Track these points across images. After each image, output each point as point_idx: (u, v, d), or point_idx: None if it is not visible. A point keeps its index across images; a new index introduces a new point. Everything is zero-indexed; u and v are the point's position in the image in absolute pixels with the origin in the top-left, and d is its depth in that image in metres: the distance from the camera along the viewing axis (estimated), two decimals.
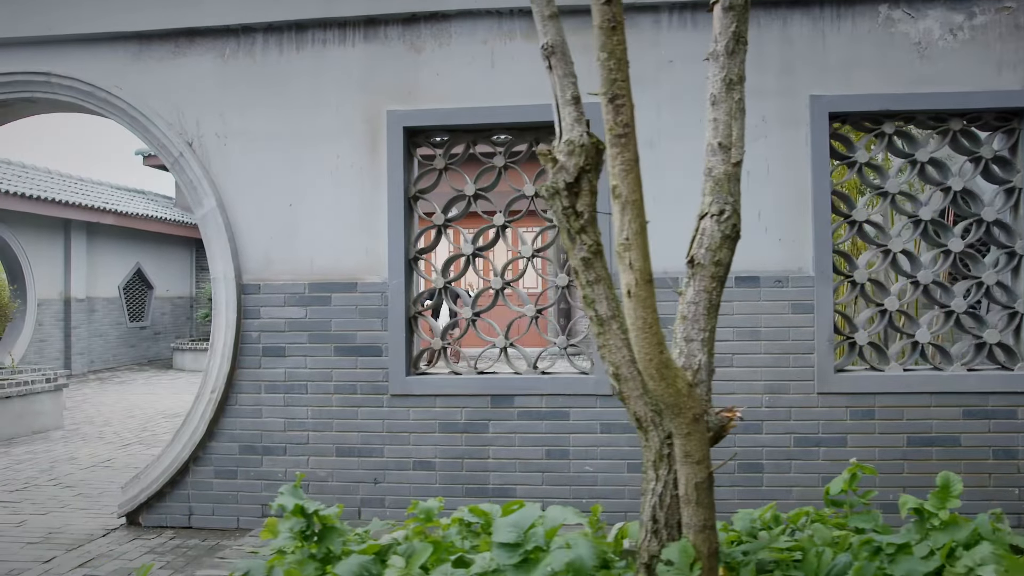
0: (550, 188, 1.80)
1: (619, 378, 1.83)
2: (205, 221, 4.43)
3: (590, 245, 1.83)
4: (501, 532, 1.69)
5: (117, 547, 4.12)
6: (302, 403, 4.37)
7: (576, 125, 1.86)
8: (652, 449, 1.81)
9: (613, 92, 1.73)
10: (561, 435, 4.24)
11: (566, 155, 1.80)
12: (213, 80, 4.48)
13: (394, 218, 4.31)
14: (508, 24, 4.30)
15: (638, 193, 1.82)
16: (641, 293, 1.69)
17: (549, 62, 1.94)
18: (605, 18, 1.74)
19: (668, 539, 1.73)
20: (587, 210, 1.81)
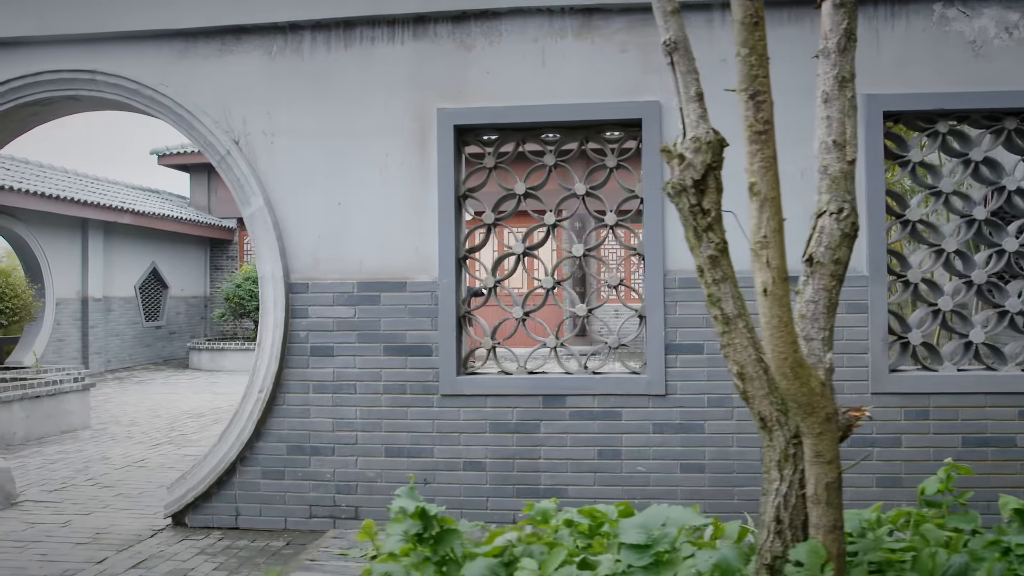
0: (676, 185, 1.77)
1: (744, 377, 1.80)
2: (253, 219, 4.40)
3: (717, 243, 1.80)
4: (629, 533, 1.66)
5: (167, 548, 4.09)
6: (351, 403, 4.35)
7: (701, 122, 1.83)
8: (776, 449, 1.79)
9: (754, 88, 1.70)
10: (613, 435, 4.21)
11: (693, 152, 1.77)
12: (260, 78, 4.46)
13: (444, 217, 4.29)
14: (559, 22, 4.28)
15: (776, 191, 1.79)
16: (778, 291, 1.67)
17: (671, 58, 1.91)
18: (747, 13, 1.71)
19: (792, 540, 1.71)
20: (713, 208, 1.79)
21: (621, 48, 4.25)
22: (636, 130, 4.33)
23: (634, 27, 4.25)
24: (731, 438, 4.16)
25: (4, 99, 4.64)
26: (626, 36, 4.25)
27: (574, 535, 1.89)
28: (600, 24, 4.26)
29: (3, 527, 4.46)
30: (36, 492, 5.24)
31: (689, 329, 4.18)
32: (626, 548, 1.66)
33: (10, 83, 4.61)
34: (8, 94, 4.63)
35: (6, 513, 4.76)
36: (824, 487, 1.70)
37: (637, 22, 4.25)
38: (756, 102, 1.72)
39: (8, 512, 4.78)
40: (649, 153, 4.20)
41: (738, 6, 1.75)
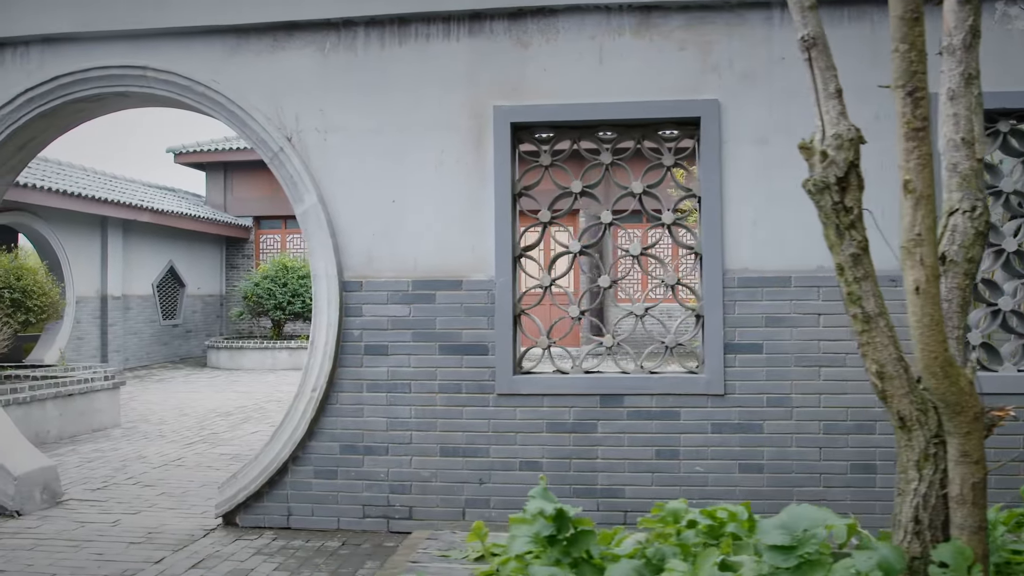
0: (819, 183, 1.75)
1: (883, 376, 1.78)
2: (306, 217, 4.37)
3: (859, 241, 1.77)
4: (771, 535, 1.63)
5: (222, 548, 4.06)
6: (405, 402, 4.31)
7: (841, 119, 1.80)
8: (916, 449, 1.76)
9: (912, 85, 1.68)
10: (671, 435, 4.18)
11: (835, 149, 1.75)
12: (313, 74, 4.42)
13: (501, 215, 4.25)
14: (617, 20, 4.25)
15: (931, 188, 1.76)
16: (931, 290, 1.64)
17: (809, 54, 1.89)
18: (907, 8, 1.69)
19: (932, 540, 1.68)
20: (856, 205, 1.76)
21: (679, 46, 4.22)
22: (693, 129, 4.30)
23: (692, 25, 4.21)
24: (790, 438, 4.13)
25: (53, 96, 4.61)
26: (684, 34, 4.22)
27: (699, 535, 1.86)
28: (658, 22, 4.23)
29: (53, 526, 4.43)
30: (79, 491, 5.21)
31: (748, 329, 4.15)
32: (770, 550, 1.63)
33: (59, 79, 4.58)
34: (56, 91, 4.60)
35: (53, 512, 4.72)
36: (970, 487, 1.67)
37: (695, 20, 4.21)
38: (914, 98, 1.69)
39: (55, 511, 4.75)
40: (708, 152, 4.17)
41: (898, 1, 1.72)
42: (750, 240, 4.16)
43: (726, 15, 4.20)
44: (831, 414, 4.11)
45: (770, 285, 4.16)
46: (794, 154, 4.30)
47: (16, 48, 4.71)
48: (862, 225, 1.86)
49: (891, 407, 1.82)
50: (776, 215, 4.15)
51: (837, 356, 4.11)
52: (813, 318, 4.13)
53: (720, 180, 4.17)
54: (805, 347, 4.12)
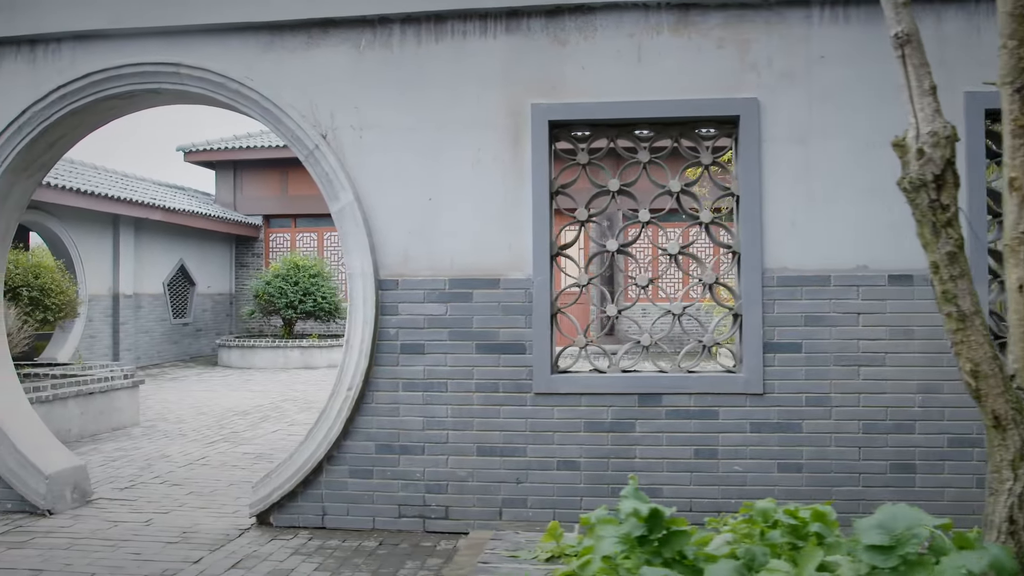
0: (915, 181, 1.73)
1: (977, 375, 1.76)
2: (342, 215, 4.34)
3: (955, 239, 1.75)
4: (869, 535, 1.62)
5: (259, 548, 4.04)
6: (442, 401, 4.29)
7: (936, 116, 1.78)
8: (1010, 448, 1.74)
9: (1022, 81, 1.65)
10: (710, 434, 4.16)
11: (931, 146, 1.73)
12: (348, 71, 4.40)
13: (539, 213, 4.23)
14: (655, 17, 4.22)
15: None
16: None
17: (902, 51, 1.87)
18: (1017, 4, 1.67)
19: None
20: (952, 203, 1.74)
21: (718, 44, 4.19)
22: (731, 128, 4.28)
23: (731, 23, 4.19)
24: (829, 438, 4.11)
25: (84, 93, 4.58)
26: (723, 32, 4.20)
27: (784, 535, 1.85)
28: (697, 20, 4.21)
29: (87, 525, 4.41)
30: (107, 490, 5.19)
31: (787, 328, 4.13)
32: (868, 550, 1.61)
33: (91, 76, 4.55)
34: (88, 88, 4.57)
35: (84, 511, 4.70)
36: None
37: (734, 18, 4.19)
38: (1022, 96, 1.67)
39: (85, 510, 4.72)
40: (747, 151, 4.15)
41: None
42: (789, 239, 4.14)
43: (765, 13, 4.18)
44: (870, 413, 4.09)
45: (809, 284, 4.14)
46: (834, 154, 4.30)
47: (48, 45, 4.68)
48: (958, 223, 1.84)
49: (985, 406, 1.80)
50: (816, 214, 4.13)
51: (876, 356, 4.09)
52: (852, 317, 4.11)
53: (759, 179, 4.15)
54: (844, 346, 4.11)
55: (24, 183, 4.92)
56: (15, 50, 4.73)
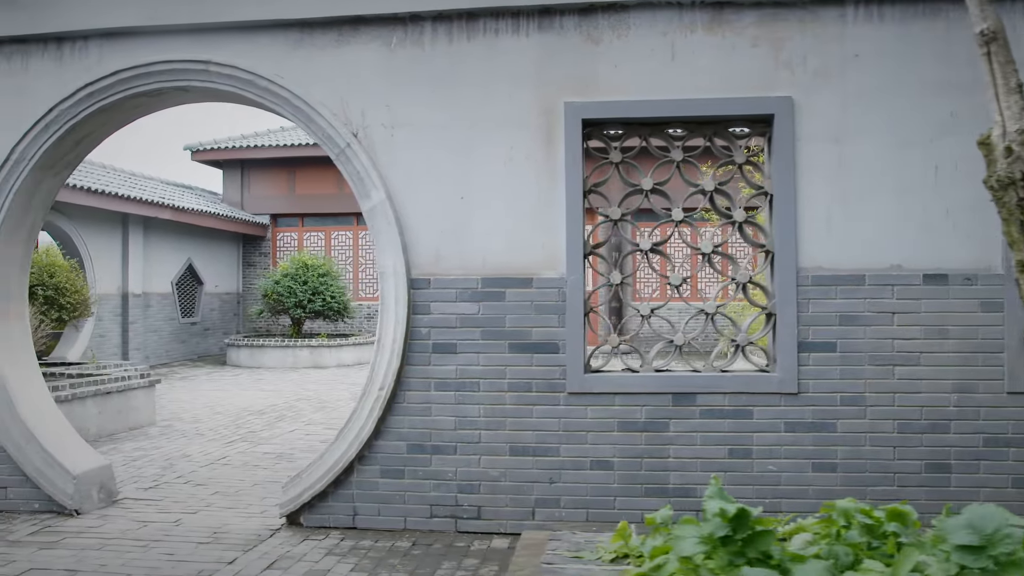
0: (1003, 179, 1.72)
1: None
2: (373, 214, 4.32)
3: None
4: (958, 535, 1.60)
5: (292, 548, 4.01)
6: (474, 401, 4.27)
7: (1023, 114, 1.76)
8: None
9: None
10: (744, 434, 4.15)
11: (1020, 145, 1.71)
12: (379, 69, 4.38)
13: (572, 212, 4.22)
14: (689, 16, 4.21)
15: None
16: None
17: (988, 49, 1.85)
18: None
19: None
20: None
21: (752, 43, 4.18)
22: (764, 127, 4.26)
23: (765, 22, 4.18)
24: (864, 437, 4.10)
25: (113, 90, 4.56)
26: (757, 31, 4.18)
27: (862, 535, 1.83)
28: (731, 18, 4.19)
29: (116, 525, 4.38)
30: (132, 490, 5.16)
31: (821, 327, 4.12)
32: (958, 550, 1.60)
33: (119, 74, 4.53)
34: (117, 85, 4.55)
35: (111, 511, 4.67)
36: None
37: (768, 17, 4.18)
38: None
39: (112, 510, 4.70)
40: (781, 150, 4.14)
41: None
42: (824, 238, 4.13)
43: (799, 11, 4.17)
44: (905, 413, 4.08)
45: (844, 284, 4.13)
46: (868, 153, 4.29)
47: (75, 43, 4.65)
48: None
49: None
50: (850, 214, 4.12)
51: (911, 355, 4.08)
52: (887, 317, 4.10)
53: (794, 178, 4.13)
54: (879, 346, 4.10)
55: (50, 181, 4.89)
56: (41, 48, 4.70)
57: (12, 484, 4.66)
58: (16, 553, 3.93)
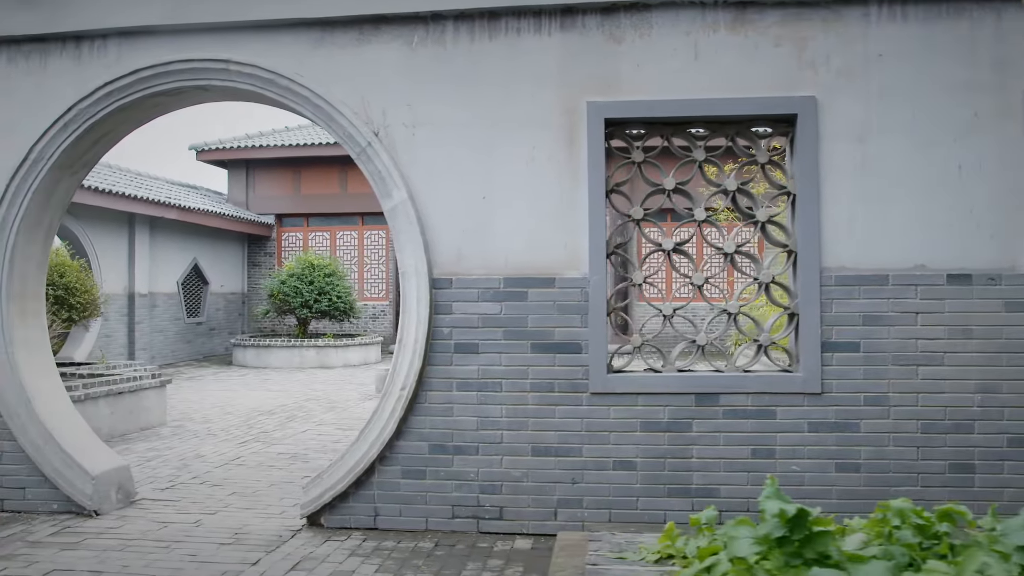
0: None
1: None
2: (395, 213, 4.31)
3: None
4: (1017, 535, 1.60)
5: (315, 549, 4.00)
6: (496, 401, 4.26)
7: None
8: None
9: None
10: (767, 434, 4.14)
11: None
12: (400, 68, 4.37)
13: (595, 212, 4.21)
14: (712, 15, 4.20)
15: None
16: None
17: None
18: None
19: None
20: None
21: (775, 42, 4.17)
22: (786, 126, 4.26)
23: (788, 21, 4.17)
24: (887, 437, 4.10)
25: (132, 89, 4.54)
26: (780, 30, 4.18)
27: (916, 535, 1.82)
28: (754, 18, 4.18)
29: (136, 526, 4.37)
30: (148, 490, 5.14)
31: (845, 327, 4.11)
32: (1019, 551, 1.59)
33: (139, 73, 4.52)
34: (136, 84, 4.53)
35: (130, 512, 4.66)
36: None
37: (791, 16, 4.17)
38: None
39: (131, 511, 4.68)
40: (804, 149, 4.13)
41: None
42: (847, 238, 4.13)
43: (822, 11, 4.16)
44: (929, 413, 4.08)
45: (867, 283, 4.12)
46: (892, 152, 4.28)
47: (93, 42, 4.64)
48: None
49: None
50: (873, 214, 4.12)
51: (935, 355, 4.08)
52: (911, 317, 4.10)
53: (817, 178, 4.13)
54: (903, 346, 4.09)
55: (68, 180, 4.87)
56: (60, 47, 4.68)
57: (31, 485, 4.65)
58: (38, 554, 3.92)
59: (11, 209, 4.65)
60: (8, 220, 4.65)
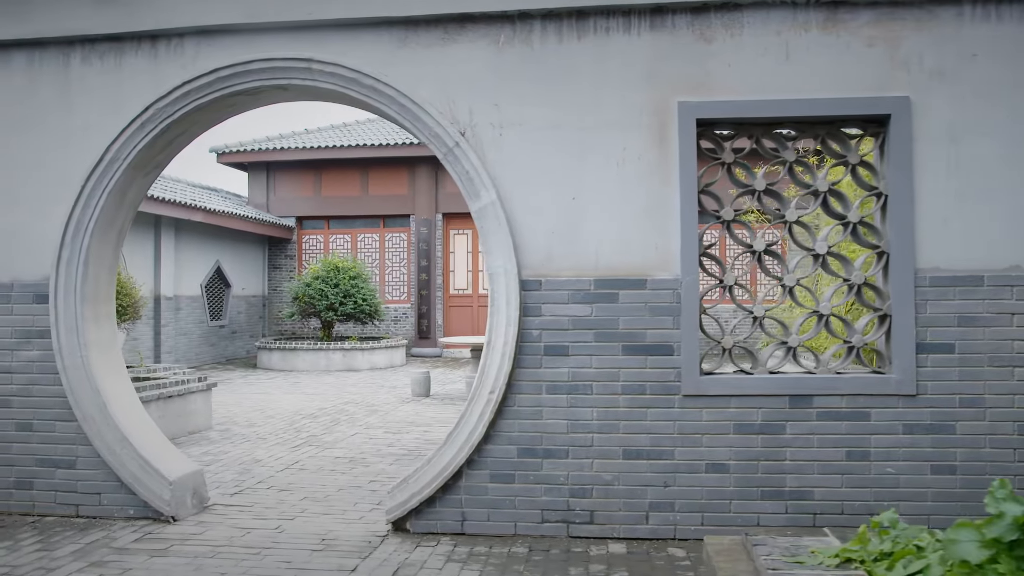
0: None
1: None
2: (483, 214, 4.26)
3: None
4: None
5: (409, 556, 3.94)
6: (587, 404, 4.21)
7: None
8: None
9: None
10: (861, 436, 4.11)
11: None
12: (486, 68, 4.32)
13: (687, 212, 4.17)
14: (803, 15, 4.17)
15: None
16: None
17: None
18: None
19: None
20: None
21: (868, 42, 4.15)
22: (877, 127, 4.23)
23: (881, 21, 4.15)
24: (983, 439, 4.07)
25: (210, 89, 4.49)
26: (873, 30, 4.15)
27: None
28: (846, 17, 4.16)
29: (218, 532, 4.29)
30: (217, 495, 5.06)
31: (939, 328, 4.09)
32: None
33: (217, 72, 4.46)
34: (215, 83, 4.47)
35: (206, 517, 4.58)
36: None
37: (884, 16, 4.15)
38: None
39: (206, 516, 4.61)
40: (897, 150, 4.10)
41: None
42: (941, 239, 4.10)
43: (915, 11, 4.14)
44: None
45: (962, 284, 4.10)
46: (986, 152, 4.26)
47: (170, 41, 4.58)
48: None
49: None
50: (968, 214, 4.09)
51: None
52: (1007, 318, 4.07)
53: (910, 178, 4.10)
54: (998, 347, 4.07)
55: (141, 181, 4.80)
56: (135, 46, 4.62)
57: (106, 490, 4.57)
58: (129, 561, 3.84)
59: (86, 211, 4.58)
60: (83, 221, 4.58)
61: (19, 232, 4.72)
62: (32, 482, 4.65)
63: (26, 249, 4.71)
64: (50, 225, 4.66)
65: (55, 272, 4.60)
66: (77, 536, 4.24)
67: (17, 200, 4.71)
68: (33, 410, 4.66)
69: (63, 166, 4.66)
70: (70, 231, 4.58)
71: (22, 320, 4.71)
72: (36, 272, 4.69)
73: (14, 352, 4.70)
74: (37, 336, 4.68)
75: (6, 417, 4.68)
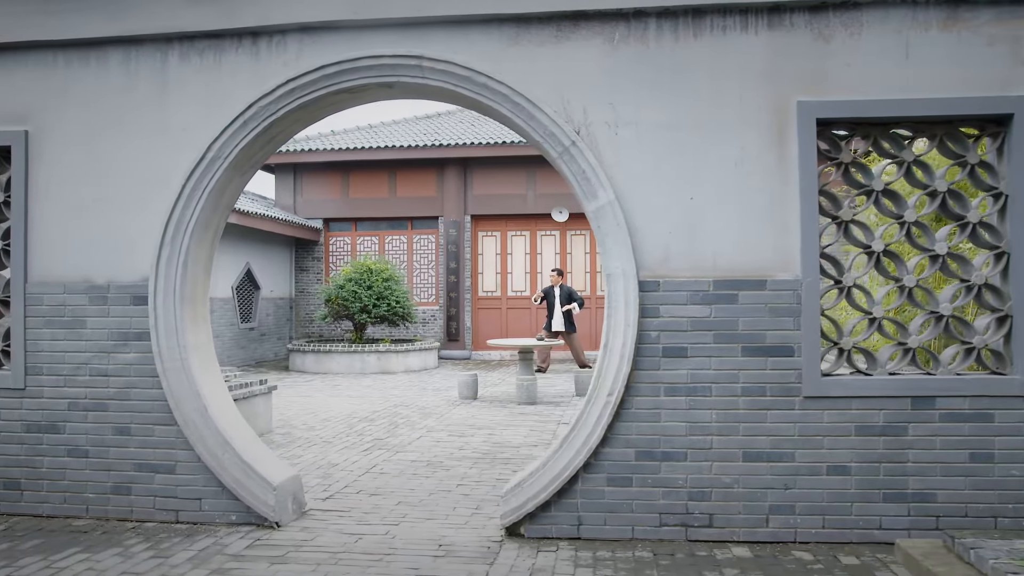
0: None
1: None
2: (600, 214, 4.20)
3: None
4: None
5: (534, 561, 3.86)
6: (706, 406, 4.16)
7: None
8: None
9: None
10: (985, 438, 4.07)
11: None
12: (600, 66, 4.27)
13: (807, 212, 4.13)
14: (923, 14, 4.14)
15: None
16: None
17: None
18: None
19: None
20: None
21: (988, 41, 4.12)
22: (996, 126, 4.20)
23: (1002, 19, 4.12)
24: None
25: (315, 86, 4.41)
26: (993, 29, 4.13)
27: None
28: (967, 16, 4.13)
29: (329, 539, 4.21)
30: (310, 500, 4.98)
31: None
32: None
33: (323, 69, 4.39)
34: (320, 81, 4.40)
35: (309, 523, 4.50)
36: None
37: (1006, 14, 4.12)
38: None
39: (308, 521, 4.52)
40: (1020, 148, 4.08)
41: None
42: None
43: None
44: None
45: None
46: None
47: (271, 38, 4.50)
48: None
49: None
50: None
51: None
52: None
53: None
54: None
55: (238, 181, 4.72)
56: (236, 43, 4.55)
57: (207, 495, 4.48)
58: (250, 569, 3.75)
59: (186, 210, 4.50)
60: (184, 221, 4.49)
61: (114, 233, 4.62)
62: (130, 487, 4.55)
63: (122, 250, 4.61)
64: (148, 225, 4.57)
65: (154, 273, 4.51)
66: (185, 543, 4.14)
67: (111, 200, 4.62)
68: (131, 414, 4.57)
69: (161, 165, 4.58)
70: (170, 231, 4.49)
71: (119, 322, 4.61)
72: (133, 273, 4.60)
73: (111, 355, 4.61)
74: (135, 339, 4.59)
75: (103, 421, 4.59)
